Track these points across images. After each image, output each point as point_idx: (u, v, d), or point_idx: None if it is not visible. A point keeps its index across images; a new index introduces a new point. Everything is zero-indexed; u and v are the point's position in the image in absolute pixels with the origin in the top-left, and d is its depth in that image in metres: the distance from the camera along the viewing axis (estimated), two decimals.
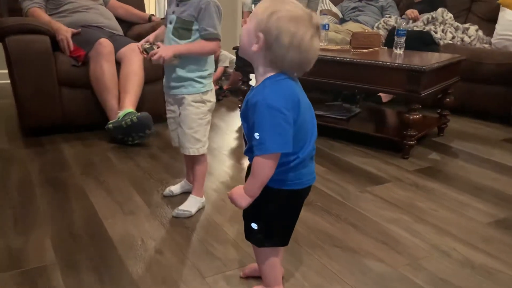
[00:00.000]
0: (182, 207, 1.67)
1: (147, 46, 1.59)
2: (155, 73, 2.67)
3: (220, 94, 3.59)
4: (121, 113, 2.35)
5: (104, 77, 2.40)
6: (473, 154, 2.43)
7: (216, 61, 3.81)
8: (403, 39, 2.67)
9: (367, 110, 2.91)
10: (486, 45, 3.41)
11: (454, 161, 2.32)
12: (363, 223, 1.64)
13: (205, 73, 1.61)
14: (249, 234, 1.15)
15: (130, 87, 2.46)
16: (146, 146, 2.40)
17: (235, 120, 3.00)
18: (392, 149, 2.39)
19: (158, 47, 1.54)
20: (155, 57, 1.52)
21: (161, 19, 2.93)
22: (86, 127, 2.61)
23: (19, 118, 2.54)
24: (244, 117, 1.06)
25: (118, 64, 2.51)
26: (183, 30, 1.54)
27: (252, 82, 2.29)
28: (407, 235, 1.57)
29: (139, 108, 2.45)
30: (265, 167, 1.01)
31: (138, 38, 2.78)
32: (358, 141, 2.51)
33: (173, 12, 1.57)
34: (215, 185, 1.93)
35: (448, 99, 2.63)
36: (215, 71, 3.34)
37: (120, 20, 2.92)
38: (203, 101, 1.62)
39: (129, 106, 2.39)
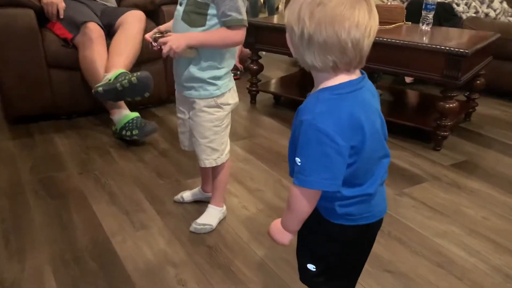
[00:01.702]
0: (201, 220, 1.44)
1: (157, 35, 1.26)
2: (154, 51, 2.36)
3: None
4: (111, 75, 1.96)
5: (95, 64, 2.07)
6: (508, 143, 2.23)
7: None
8: (431, 14, 2.40)
9: (389, 93, 2.67)
10: (511, 18, 3.16)
11: (489, 152, 2.12)
12: (411, 238, 1.43)
13: (220, 73, 1.29)
14: (305, 276, 0.94)
15: (125, 49, 2.11)
16: (149, 136, 2.13)
17: (243, 106, 2.73)
18: (421, 139, 2.18)
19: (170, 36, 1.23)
20: (164, 49, 1.21)
21: None
22: (79, 113, 2.33)
23: (3, 105, 2.24)
24: (293, 124, 0.82)
25: None
26: (195, 14, 1.22)
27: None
28: (463, 253, 1.37)
29: None
30: (302, 202, 0.79)
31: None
32: None
33: None
34: (234, 188, 1.70)
35: (478, 81, 2.40)
36: None
37: None
38: (218, 106, 1.32)
39: (120, 67, 2.01)
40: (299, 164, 0.76)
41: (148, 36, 1.29)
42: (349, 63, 0.74)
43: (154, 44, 1.26)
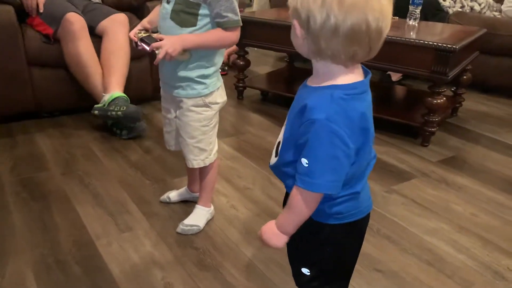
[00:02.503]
0: (188, 221, 1.41)
1: (143, 35, 1.19)
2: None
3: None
4: (107, 97, 2.00)
5: (82, 58, 2.04)
6: (495, 139, 2.23)
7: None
8: (419, 9, 2.40)
9: (376, 88, 2.66)
10: (496, 13, 3.17)
11: (476, 148, 2.12)
12: (401, 236, 1.42)
13: (208, 71, 1.25)
14: (300, 280, 0.91)
15: (116, 65, 2.10)
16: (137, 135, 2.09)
17: (230, 102, 2.69)
18: (409, 135, 2.17)
19: (161, 39, 1.16)
20: (160, 54, 1.14)
21: None
22: (62, 111, 2.27)
23: None
24: (290, 118, 0.79)
25: (99, 38, 2.16)
26: (186, 14, 1.17)
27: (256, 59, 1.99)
28: (452, 251, 1.36)
29: (125, 88, 2.09)
30: (306, 205, 0.76)
31: (117, 4, 2.43)
32: None
33: None
34: (222, 187, 1.68)
35: (465, 77, 2.40)
36: None
37: None
38: (206, 105, 1.28)
39: (115, 89, 2.04)
40: (306, 165, 0.72)
41: (133, 35, 1.22)
42: (367, 55, 0.71)
43: (140, 44, 1.19)
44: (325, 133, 0.70)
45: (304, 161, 0.73)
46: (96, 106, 2.01)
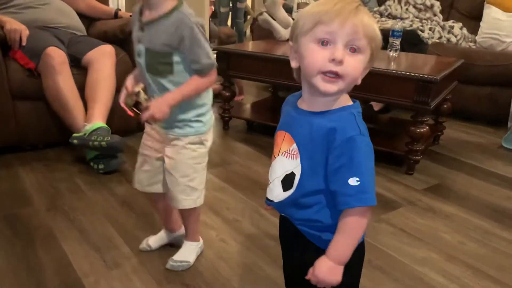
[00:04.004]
0: (177, 256, 1.38)
1: (130, 102, 1.19)
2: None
3: None
4: (88, 127, 1.97)
5: (61, 94, 2.01)
6: (477, 166, 2.28)
7: None
8: (398, 41, 2.47)
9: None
10: (471, 44, 3.29)
11: (460, 176, 2.16)
12: (392, 266, 1.42)
13: (202, 110, 1.24)
14: None
15: (100, 96, 2.08)
16: (119, 165, 2.07)
17: (216, 133, 2.70)
18: (394, 163, 2.20)
19: (147, 99, 1.16)
20: (148, 119, 1.15)
21: (130, 15, 2.56)
22: (46, 144, 2.23)
23: None
24: (304, 145, 0.79)
25: (85, 70, 2.15)
26: (160, 65, 1.16)
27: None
28: (444, 280, 1.37)
29: (108, 121, 2.07)
30: (364, 223, 0.77)
31: (102, 36, 2.44)
32: None
33: (139, 41, 1.17)
34: (210, 219, 1.66)
35: (446, 106, 2.47)
36: None
37: (80, 15, 2.53)
38: (201, 142, 1.27)
39: (98, 119, 2.02)
40: (358, 183, 0.73)
41: (122, 103, 1.22)
42: None
43: (131, 113, 1.20)
44: (365, 147, 0.75)
45: (354, 180, 0.73)
46: (75, 135, 1.97)
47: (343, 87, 0.75)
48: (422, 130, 2.03)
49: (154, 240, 1.46)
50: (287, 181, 0.82)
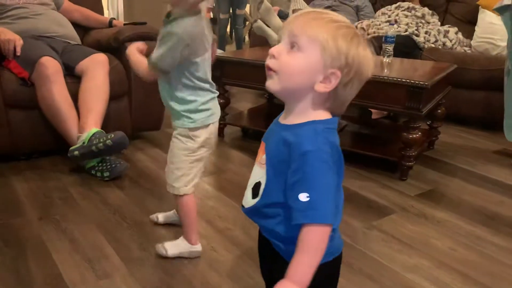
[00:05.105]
0: (166, 244, 1.46)
1: None
2: (120, 88, 2.34)
3: None
4: (85, 136, 1.98)
5: (55, 103, 2.02)
6: (470, 171, 2.28)
7: None
8: (391, 47, 2.48)
9: (354, 123, 2.71)
10: (466, 48, 3.30)
11: (453, 181, 2.16)
12: (382, 274, 1.42)
13: (193, 106, 1.34)
14: None
15: (93, 104, 2.09)
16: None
17: None
18: (387, 169, 2.20)
19: None
20: None
21: (124, 24, 2.59)
22: (40, 153, 2.24)
23: None
24: (271, 158, 0.80)
25: (78, 78, 2.16)
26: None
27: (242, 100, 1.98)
28: (434, 287, 1.37)
29: (103, 129, 2.08)
30: (322, 239, 0.74)
31: (96, 45, 2.45)
32: (349, 159, 2.28)
33: None
34: (202, 228, 1.66)
35: (439, 111, 2.47)
36: None
37: (75, 24, 2.55)
38: (189, 137, 1.37)
39: (92, 127, 2.03)
40: (307, 199, 0.72)
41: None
42: None
43: None
44: (319, 163, 0.73)
45: (303, 195, 0.73)
46: (73, 147, 1.98)
47: (280, 85, 0.76)
48: (414, 136, 2.04)
49: (163, 215, 1.65)
50: (255, 189, 0.83)
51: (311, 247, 0.74)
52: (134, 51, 1.39)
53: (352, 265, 1.46)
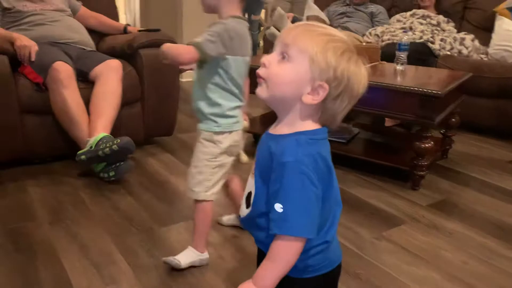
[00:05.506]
0: (178, 256, 1.44)
1: None
2: (133, 94, 2.37)
3: None
4: (92, 140, 2.01)
5: (68, 107, 2.05)
6: (485, 181, 2.24)
7: None
8: (405, 54, 2.46)
9: (366, 130, 2.69)
10: (483, 56, 3.24)
11: (466, 191, 2.12)
12: (389, 286, 1.40)
13: (217, 110, 1.35)
14: None
15: (104, 109, 2.12)
16: (123, 179, 2.09)
17: None
18: (399, 178, 2.18)
19: None
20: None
21: (138, 30, 2.61)
22: (54, 157, 2.28)
23: None
24: (258, 167, 0.81)
25: (92, 84, 2.19)
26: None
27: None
28: None
29: (113, 135, 2.09)
30: (290, 252, 0.76)
31: (111, 51, 2.48)
32: (360, 167, 2.27)
33: None
34: (209, 235, 1.65)
35: (454, 119, 2.43)
36: None
37: (90, 30, 2.59)
38: (213, 141, 1.38)
39: (100, 131, 2.05)
40: (281, 210, 0.73)
41: None
42: None
43: None
44: (296, 175, 0.73)
45: (278, 206, 0.74)
46: (80, 152, 2.01)
47: (268, 93, 0.77)
48: (427, 145, 2.01)
49: (227, 218, 1.70)
50: (247, 199, 0.84)
51: (278, 257, 0.76)
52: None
53: (360, 276, 1.44)
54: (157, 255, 1.52)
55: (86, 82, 2.21)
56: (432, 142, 2.03)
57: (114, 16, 2.86)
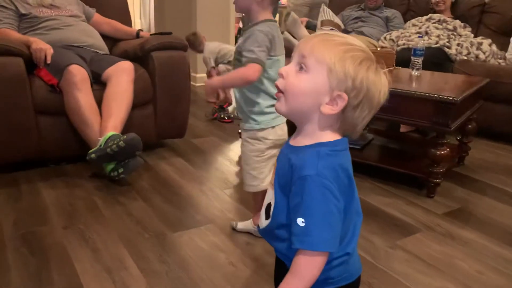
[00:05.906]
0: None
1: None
2: (145, 95, 2.38)
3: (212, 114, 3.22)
4: (102, 139, 2.02)
5: (81, 109, 2.08)
6: (502, 189, 2.20)
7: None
8: (421, 60, 2.43)
9: (381, 136, 2.66)
10: (500, 61, 3.19)
11: (483, 199, 2.08)
12: None
13: (256, 109, 1.45)
14: None
15: (115, 109, 2.13)
16: (136, 183, 2.11)
17: (236, 151, 2.72)
18: (414, 185, 2.15)
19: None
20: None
21: (150, 34, 2.63)
22: (67, 159, 2.30)
23: None
24: (278, 179, 0.79)
25: (104, 85, 2.21)
26: (236, 60, 1.44)
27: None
28: None
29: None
30: (314, 267, 0.74)
31: (124, 55, 2.51)
32: (374, 173, 2.25)
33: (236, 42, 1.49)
34: (221, 242, 1.65)
35: (470, 126, 2.39)
36: None
37: (104, 36, 2.62)
38: (258, 139, 1.48)
39: (111, 130, 2.06)
40: (303, 224, 0.72)
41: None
42: None
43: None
44: (318, 189, 0.72)
45: (300, 220, 0.72)
46: (90, 151, 2.02)
47: (286, 106, 0.76)
48: (442, 152, 1.98)
49: (242, 223, 1.72)
50: (267, 210, 0.83)
51: (300, 272, 0.75)
52: (212, 78, 1.52)
53: (372, 285, 1.42)
54: (169, 261, 1.52)
55: (99, 83, 2.24)
56: (448, 149, 2.00)
57: (128, 22, 2.89)
